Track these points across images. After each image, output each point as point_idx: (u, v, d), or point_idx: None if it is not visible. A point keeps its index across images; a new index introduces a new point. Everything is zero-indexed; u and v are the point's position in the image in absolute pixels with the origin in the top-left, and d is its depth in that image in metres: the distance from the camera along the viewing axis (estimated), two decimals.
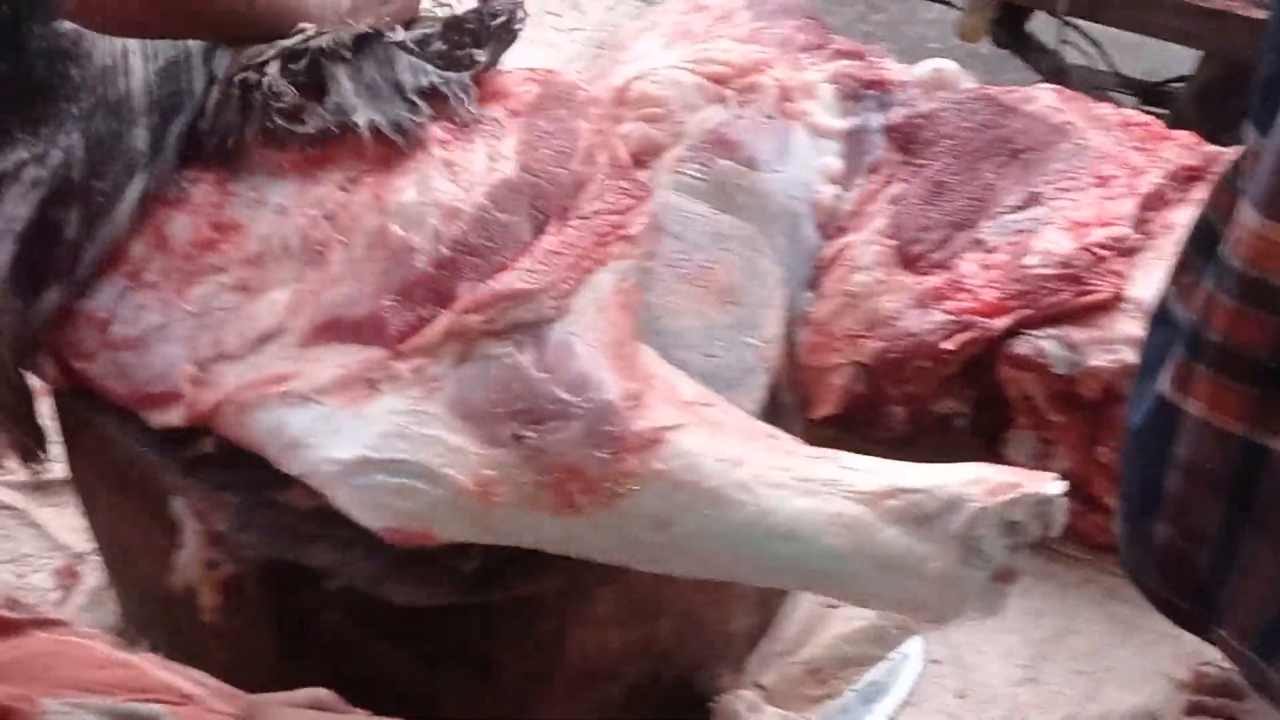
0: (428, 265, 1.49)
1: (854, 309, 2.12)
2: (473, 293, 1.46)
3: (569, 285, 1.48)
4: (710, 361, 1.71)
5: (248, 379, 1.49)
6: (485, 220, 1.50)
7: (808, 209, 2.21)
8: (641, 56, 2.34)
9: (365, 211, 1.53)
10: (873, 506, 1.40)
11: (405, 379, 1.45)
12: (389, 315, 1.47)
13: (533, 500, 1.42)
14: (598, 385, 1.44)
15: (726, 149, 2.21)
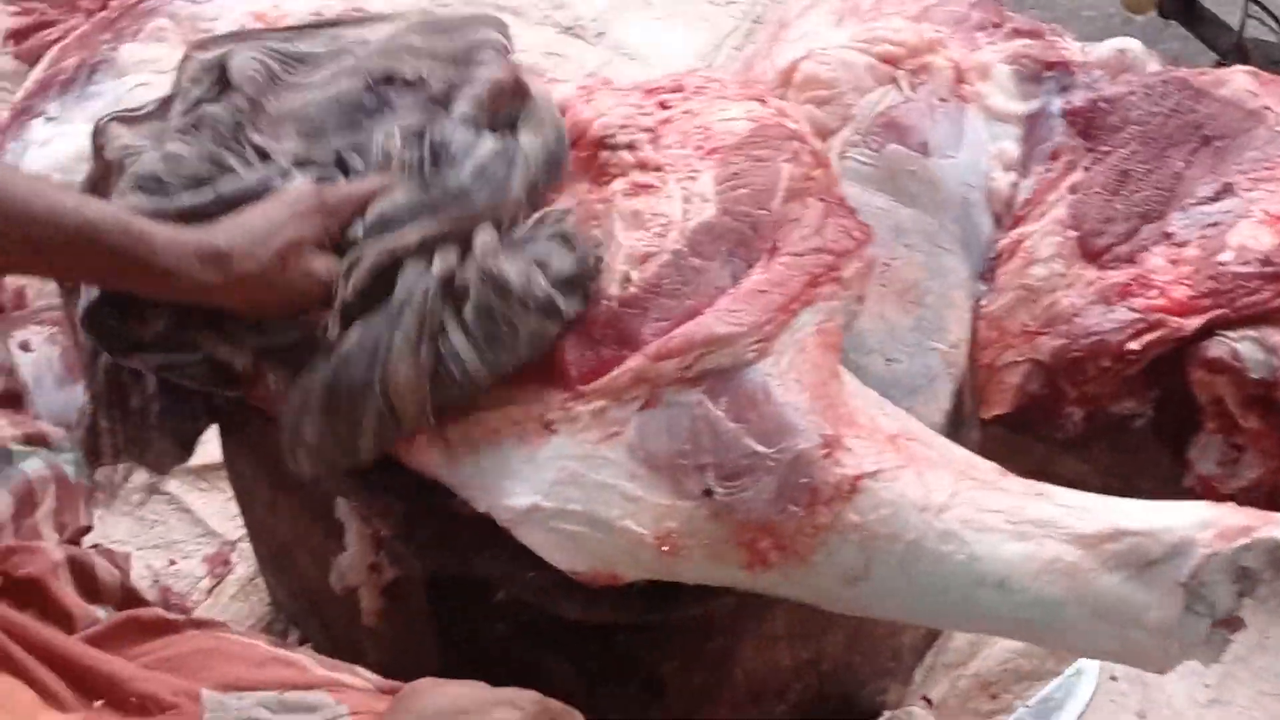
0: (614, 304, 1.43)
1: (1031, 303, 2.01)
2: (663, 336, 1.39)
3: (773, 327, 1.41)
4: (891, 368, 1.63)
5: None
6: (680, 265, 1.44)
7: (982, 197, 2.10)
8: (808, 35, 2.23)
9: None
10: (1092, 551, 1.31)
11: (583, 421, 1.39)
12: (569, 354, 1.41)
13: (721, 556, 1.35)
14: (792, 432, 1.36)
15: (897, 133, 2.10)
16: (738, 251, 1.46)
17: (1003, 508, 1.35)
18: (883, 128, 2.11)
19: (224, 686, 1.16)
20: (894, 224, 1.79)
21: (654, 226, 1.46)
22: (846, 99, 2.14)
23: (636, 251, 1.45)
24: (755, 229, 1.47)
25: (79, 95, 1.71)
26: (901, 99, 2.13)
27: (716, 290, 1.43)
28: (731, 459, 1.36)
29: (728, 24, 2.72)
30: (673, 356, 1.38)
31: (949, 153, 2.10)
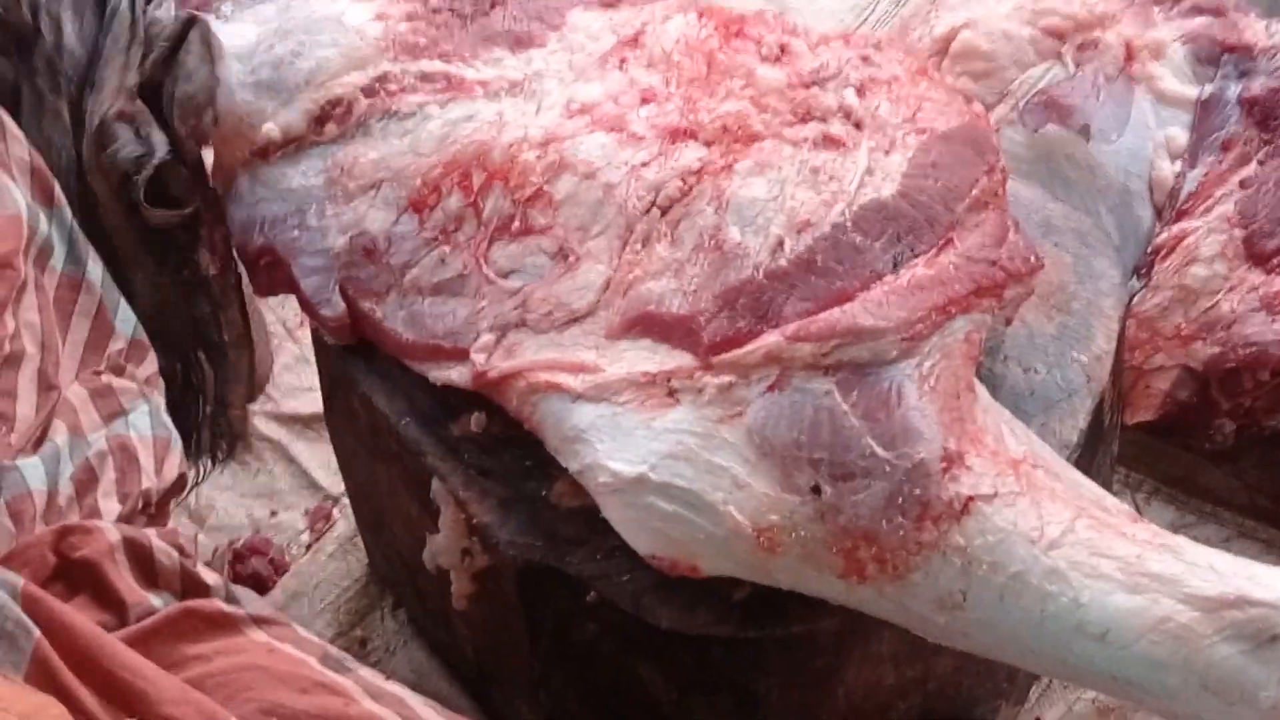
0: (759, 274, 1.34)
1: (1187, 306, 1.88)
2: (806, 316, 1.31)
3: (925, 327, 1.31)
4: (1029, 378, 1.52)
5: (546, 357, 1.38)
6: (839, 240, 1.34)
7: (1144, 186, 1.97)
8: (970, 1, 2.10)
9: (703, 203, 1.39)
10: (1210, 615, 1.20)
11: (709, 394, 1.31)
12: (705, 320, 1.33)
13: (816, 560, 1.27)
14: (916, 440, 1.27)
15: (1057, 113, 1.97)
16: (905, 238, 1.37)
17: (1121, 554, 1.24)
18: (1042, 106, 1.99)
19: (262, 713, 1.11)
20: (1043, 219, 1.66)
21: (825, 191, 1.38)
22: (1006, 73, 2.01)
23: (798, 216, 1.36)
24: (931, 223, 1.38)
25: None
26: (1065, 76, 2.01)
27: (873, 275, 1.34)
28: (847, 458, 1.27)
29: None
30: (810, 340, 1.30)
31: (1112, 137, 1.97)
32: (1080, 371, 1.53)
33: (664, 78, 1.50)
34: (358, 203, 1.49)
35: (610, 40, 1.54)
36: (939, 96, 1.50)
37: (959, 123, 1.46)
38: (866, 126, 1.44)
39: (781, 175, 1.40)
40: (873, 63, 1.52)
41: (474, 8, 1.59)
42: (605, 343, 1.38)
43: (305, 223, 1.49)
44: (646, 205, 1.41)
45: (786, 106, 1.46)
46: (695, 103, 1.47)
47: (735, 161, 1.41)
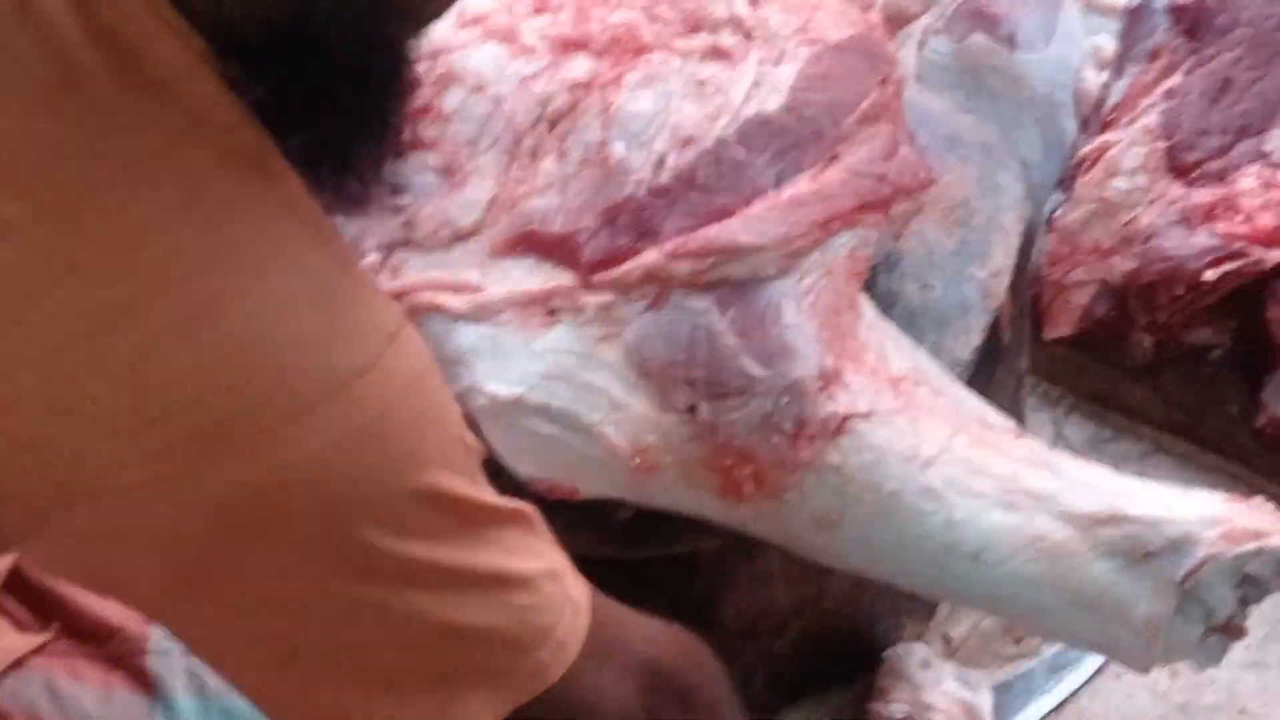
0: (641, 190, 1.31)
1: (1107, 219, 1.86)
2: (685, 233, 1.28)
3: (806, 244, 1.29)
4: (925, 294, 1.50)
5: (428, 277, 1.35)
6: (721, 156, 1.32)
7: (1069, 97, 1.95)
8: None
9: (590, 118, 1.36)
10: (1085, 533, 1.19)
11: (588, 313, 1.29)
12: (586, 238, 1.31)
13: (694, 479, 1.26)
14: (792, 358, 1.25)
15: (984, 22, 1.95)
16: (790, 153, 1.34)
17: (998, 472, 1.23)
18: (968, 15, 1.96)
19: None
20: (950, 132, 1.63)
21: (710, 105, 1.35)
22: None
23: (681, 132, 1.34)
24: (817, 137, 1.35)
25: None
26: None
27: (754, 190, 1.32)
28: (724, 377, 1.26)
29: None
30: (689, 257, 1.28)
31: (1038, 46, 1.95)
32: (976, 288, 1.51)
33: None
34: None
35: None
36: (833, 5, 1.47)
37: (851, 32, 1.43)
38: (755, 37, 1.41)
39: (668, 88, 1.37)
40: None
41: None
42: (490, 261, 1.35)
43: None
44: (534, 119, 1.38)
45: (678, 16, 1.43)
46: (588, 12, 1.44)
47: (624, 74, 1.38)
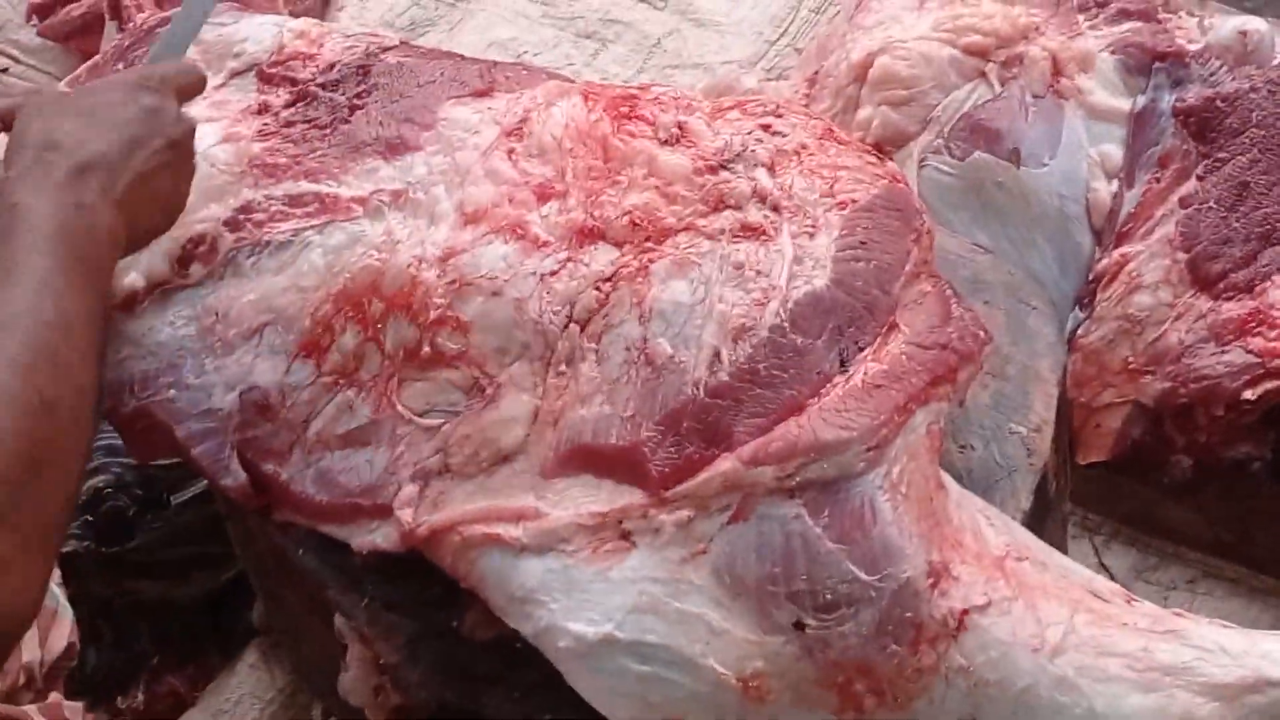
0: (700, 391, 1.25)
1: (1134, 337, 1.80)
2: (759, 435, 1.22)
3: (889, 431, 1.22)
4: (966, 456, 1.43)
5: (478, 507, 1.27)
6: (779, 344, 1.26)
7: (1080, 210, 1.88)
8: (886, 21, 2.01)
9: (623, 312, 1.30)
10: (1230, 705, 1.15)
11: (666, 533, 1.22)
12: (650, 449, 1.23)
13: (809, 700, 1.19)
14: (898, 558, 1.19)
15: (985, 138, 1.89)
16: (847, 331, 1.28)
17: (1127, 649, 1.18)
18: (968, 131, 1.90)
19: None
20: (972, 274, 1.57)
21: (754, 290, 1.29)
22: (928, 98, 1.93)
23: (730, 322, 1.27)
24: (870, 310, 1.29)
25: None
26: (990, 96, 1.92)
27: (820, 377, 1.25)
28: (828, 587, 1.19)
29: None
30: (770, 463, 1.21)
31: (1044, 159, 1.89)
32: (1020, 445, 1.44)
33: (557, 169, 1.40)
34: (240, 353, 1.36)
35: (493, 132, 1.43)
36: (852, 161, 1.41)
37: (879, 190, 1.38)
38: (784, 209, 1.35)
39: (704, 274, 1.30)
40: (777, 132, 1.43)
41: (331, 115, 1.46)
42: (542, 483, 1.27)
43: (183, 380, 1.36)
44: (564, 321, 1.31)
45: (696, 194, 1.36)
46: (597, 196, 1.37)
47: (651, 262, 1.32)
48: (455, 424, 1.30)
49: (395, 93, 1.47)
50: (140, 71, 1.21)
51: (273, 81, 1.49)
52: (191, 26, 1.34)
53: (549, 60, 2.41)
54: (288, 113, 1.47)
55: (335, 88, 1.48)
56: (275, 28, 1.54)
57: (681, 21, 2.46)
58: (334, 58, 1.51)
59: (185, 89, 1.26)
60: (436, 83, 1.48)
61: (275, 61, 1.51)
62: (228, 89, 1.50)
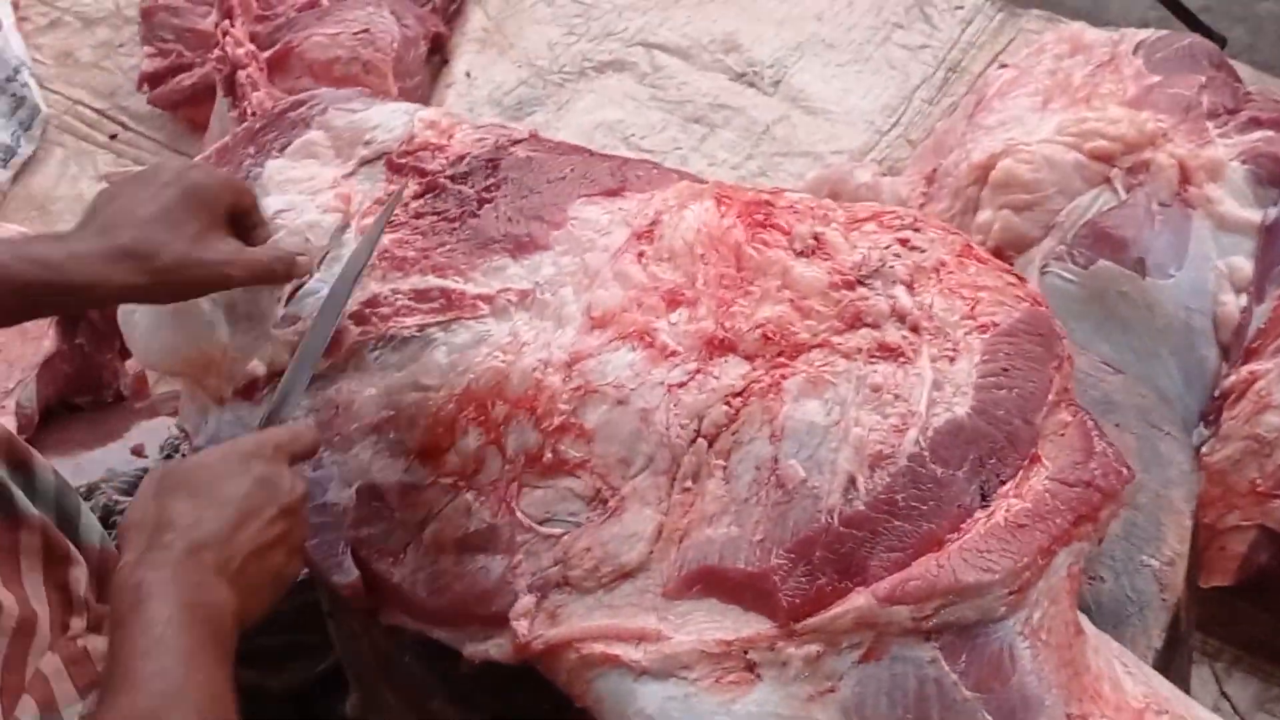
0: (834, 520, 1.20)
1: (1263, 459, 1.75)
2: (896, 570, 1.17)
3: (1032, 574, 1.17)
4: (1095, 588, 1.38)
5: (597, 624, 1.23)
6: (918, 474, 1.20)
7: (1207, 323, 1.83)
8: (1008, 122, 1.98)
9: (754, 429, 1.26)
10: None
11: (794, 667, 1.17)
12: (780, 578, 1.19)
13: None
14: (1037, 709, 1.13)
15: (1109, 246, 1.85)
16: (989, 463, 1.23)
17: None
18: (1092, 239, 1.86)
19: None
20: (1103, 395, 1.52)
21: (892, 414, 1.24)
22: (1052, 203, 1.89)
23: (867, 448, 1.22)
24: (1012, 441, 1.24)
25: None
26: (1115, 203, 1.88)
27: (960, 511, 1.20)
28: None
29: (919, 73, 2.45)
30: (907, 602, 1.16)
31: (1170, 270, 1.84)
32: (1152, 579, 1.39)
33: (688, 274, 1.36)
34: (359, 449, 1.33)
35: (623, 233, 1.40)
36: (993, 281, 1.37)
37: (1021, 313, 1.33)
38: (924, 329, 1.30)
39: (839, 394, 1.26)
40: (915, 246, 1.38)
41: (460, 208, 1.43)
42: (664, 603, 1.23)
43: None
44: (691, 435, 1.27)
45: (832, 310, 1.32)
46: (729, 306, 1.33)
47: (783, 378, 1.27)
48: (576, 535, 1.26)
49: (525, 188, 1.45)
50: (256, 440, 1.20)
51: (402, 171, 1.47)
52: (301, 380, 1.31)
53: (656, 144, 2.39)
54: (416, 204, 1.44)
55: (464, 180, 1.46)
56: (406, 116, 1.52)
57: (791, 108, 2.43)
58: (464, 149, 1.48)
59: (299, 454, 1.25)
60: (567, 179, 1.46)
61: (405, 151, 1.48)
62: (356, 178, 1.48)
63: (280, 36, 2.34)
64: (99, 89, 2.53)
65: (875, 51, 2.49)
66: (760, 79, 2.48)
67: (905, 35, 2.51)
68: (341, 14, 2.36)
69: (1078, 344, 1.74)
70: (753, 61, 2.50)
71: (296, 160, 1.49)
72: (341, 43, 2.32)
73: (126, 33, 2.56)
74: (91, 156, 2.44)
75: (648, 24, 2.57)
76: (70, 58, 2.56)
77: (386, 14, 2.38)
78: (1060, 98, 2.01)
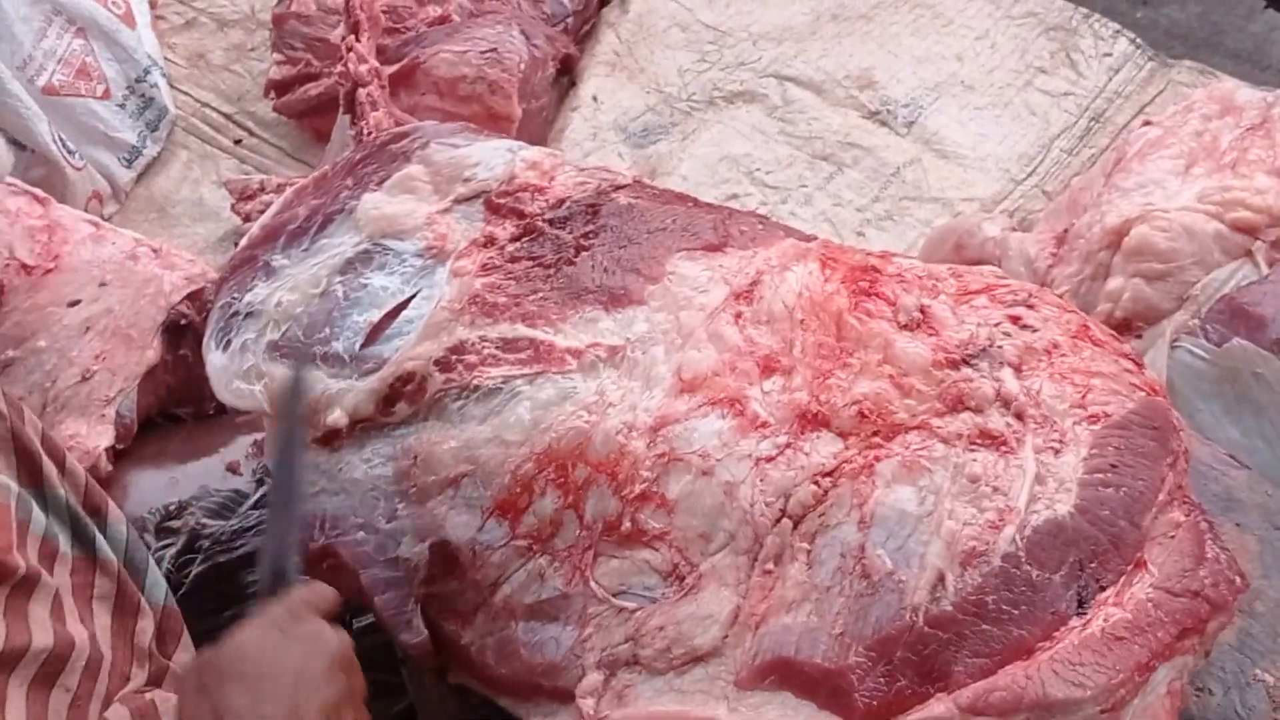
0: (919, 619, 1.14)
1: None
2: (979, 675, 1.11)
3: (1128, 693, 1.10)
4: (1202, 701, 1.30)
5: (666, 710, 1.19)
6: (1012, 576, 1.14)
7: None
8: (1148, 185, 1.88)
9: (842, 513, 1.20)
10: None
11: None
12: (858, 677, 1.14)
13: None
14: None
15: (1246, 323, 1.74)
16: (1089, 567, 1.16)
17: None
18: (1229, 315, 1.76)
19: None
20: (1224, 489, 1.44)
21: (989, 509, 1.18)
22: (1187, 274, 1.79)
23: (960, 543, 1.17)
24: (1116, 544, 1.17)
25: (306, 249, 1.46)
26: (1256, 278, 1.77)
27: (1054, 618, 1.14)
28: None
29: (1060, 120, 2.35)
30: (991, 715, 1.10)
31: None
32: (1264, 695, 1.30)
33: (785, 340, 1.30)
34: (434, 503, 1.30)
35: (721, 292, 1.35)
36: (1108, 367, 1.29)
37: (1135, 404, 1.25)
38: (1029, 417, 1.23)
39: (934, 483, 1.20)
40: (1027, 325, 1.31)
41: (557, 255, 1.39)
42: (735, 693, 1.18)
43: (373, 523, 1.30)
44: (776, 514, 1.22)
45: (933, 390, 1.25)
46: (826, 378, 1.27)
47: (877, 460, 1.22)
48: (650, 612, 1.22)
49: (624, 237, 1.40)
50: (284, 606, 1.15)
51: (500, 212, 1.43)
52: (290, 550, 1.23)
53: (781, 180, 2.32)
54: (513, 248, 1.40)
55: (563, 225, 1.42)
56: (509, 154, 1.48)
57: (924, 151, 2.35)
58: (565, 193, 1.44)
59: (325, 610, 1.19)
60: (667, 230, 1.41)
61: (504, 192, 1.45)
62: (452, 215, 1.44)
63: (408, 51, 2.31)
64: (228, 93, 2.52)
65: (1016, 96, 2.40)
66: (894, 119, 2.40)
67: (1048, 81, 2.41)
68: (471, 32, 2.33)
69: (1204, 427, 1.67)
70: (887, 100, 2.42)
71: (394, 195, 1.46)
72: (469, 61, 2.29)
73: (259, 37, 2.56)
74: (215, 160, 2.43)
75: (782, 55, 2.50)
76: (202, 59, 2.56)
77: (516, 33, 2.35)
78: (1205, 161, 1.90)
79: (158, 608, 1.34)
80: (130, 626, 1.30)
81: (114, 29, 2.39)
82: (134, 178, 2.42)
